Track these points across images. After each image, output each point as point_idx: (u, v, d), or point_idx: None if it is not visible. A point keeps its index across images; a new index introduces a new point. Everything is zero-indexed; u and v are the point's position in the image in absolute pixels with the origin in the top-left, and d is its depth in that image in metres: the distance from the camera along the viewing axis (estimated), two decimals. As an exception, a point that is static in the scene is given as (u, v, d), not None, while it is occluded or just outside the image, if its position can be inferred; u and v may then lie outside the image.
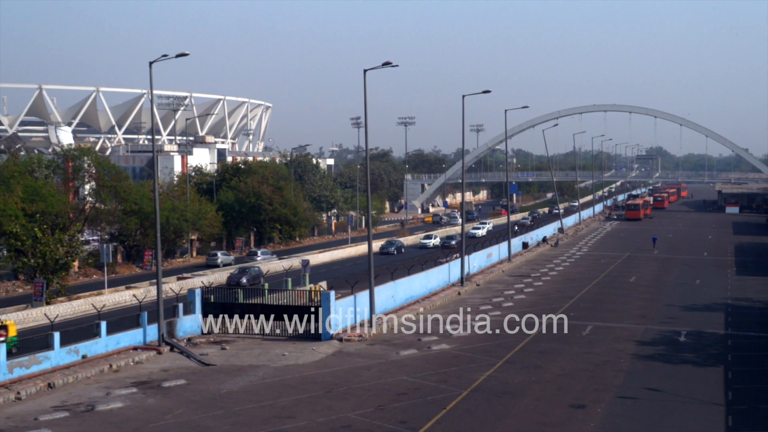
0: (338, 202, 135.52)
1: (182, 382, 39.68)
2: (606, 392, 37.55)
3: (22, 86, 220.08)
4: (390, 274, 61.96)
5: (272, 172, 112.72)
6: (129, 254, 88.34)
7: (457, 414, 34.17)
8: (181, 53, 48.35)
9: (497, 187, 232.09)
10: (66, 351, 42.31)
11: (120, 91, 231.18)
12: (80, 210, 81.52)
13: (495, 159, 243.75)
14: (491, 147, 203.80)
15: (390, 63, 52.53)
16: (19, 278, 71.69)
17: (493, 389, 37.92)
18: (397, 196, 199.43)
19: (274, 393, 37.49)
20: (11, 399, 36.64)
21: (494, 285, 72.56)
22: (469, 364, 42.58)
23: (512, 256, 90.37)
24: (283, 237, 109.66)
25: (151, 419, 33.60)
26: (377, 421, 33.03)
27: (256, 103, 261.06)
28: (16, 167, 75.61)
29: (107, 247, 67.63)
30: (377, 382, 39.40)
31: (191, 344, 47.94)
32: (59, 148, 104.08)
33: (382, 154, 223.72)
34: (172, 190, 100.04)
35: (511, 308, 59.71)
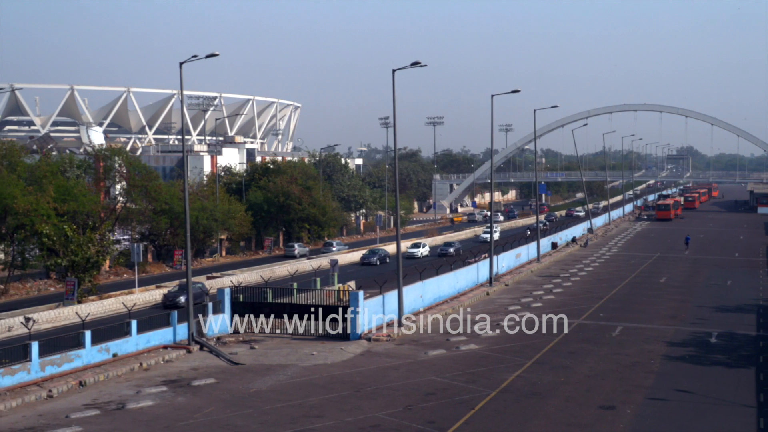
0: (367, 202, 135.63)
1: (212, 380, 39.91)
2: (636, 393, 37.31)
3: (54, 87, 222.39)
4: (418, 274, 61.95)
5: (301, 171, 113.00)
6: (159, 253, 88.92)
7: (486, 414, 34.09)
8: (211, 54, 48.59)
9: (526, 187, 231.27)
10: (97, 349, 42.70)
11: (150, 91, 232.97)
12: (111, 209, 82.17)
13: (524, 159, 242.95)
14: (520, 147, 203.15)
15: (419, 63, 52.50)
16: (51, 277, 72.41)
17: (522, 390, 37.80)
18: (425, 196, 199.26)
19: (302, 392, 37.59)
20: (43, 396, 37.03)
21: (523, 285, 72.31)
22: (498, 365, 42.48)
23: (541, 256, 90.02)
24: (311, 237, 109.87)
25: (181, 418, 33.82)
26: (405, 421, 33.03)
27: (285, 103, 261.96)
28: (48, 167, 76.27)
29: (138, 247, 68.13)
30: (405, 382, 39.40)
31: (220, 343, 48.20)
32: (91, 148, 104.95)
33: (411, 154, 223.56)
34: (201, 190, 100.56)
35: (540, 309, 59.47)
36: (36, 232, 65.96)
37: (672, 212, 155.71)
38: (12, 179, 69.00)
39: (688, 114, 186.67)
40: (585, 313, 57.45)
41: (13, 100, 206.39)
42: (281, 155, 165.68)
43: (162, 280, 72.64)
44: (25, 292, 68.14)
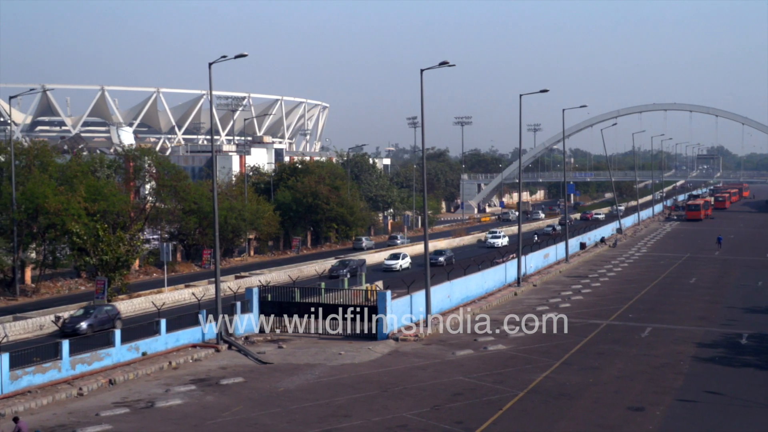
0: (394, 202, 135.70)
1: (240, 379, 40.09)
2: (665, 395, 37.04)
3: (85, 87, 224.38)
4: (446, 274, 61.87)
5: (329, 171, 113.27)
6: (188, 253, 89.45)
7: (514, 415, 33.99)
8: (240, 54, 48.79)
9: (554, 187, 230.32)
10: (127, 348, 43.04)
11: (180, 92, 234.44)
12: (141, 209, 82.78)
13: (552, 158, 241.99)
14: (549, 146, 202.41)
15: (447, 63, 52.40)
16: (81, 276, 73.09)
17: (550, 390, 37.65)
18: (453, 196, 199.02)
19: (330, 392, 37.67)
20: (73, 394, 37.38)
21: (551, 286, 72.03)
22: (526, 365, 42.34)
23: (570, 256, 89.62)
24: (339, 236, 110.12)
25: (210, 416, 34.01)
26: (433, 421, 33.01)
27: (314, 103, 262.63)
28: (79, 167, 76.92)
29: (167, 246, 68.56)
30: (433, 382, 39.37)
31: (249, 342, 48.41)
32: (121, 148, 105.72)
33: (439, 154, 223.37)
34: (230, 189, 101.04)
35: (569, 309, 59.23)
36: (67, 231, 66.58)
37: (702, 212, 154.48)
38: (44, 179, 69.69)
39: (719, 113, 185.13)
40: (614, 314, 57.12)
41: (44, 100, 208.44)
42: (309, 155, 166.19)
43: (191, 280, 73.09)
44: (55, 291, 68.80)
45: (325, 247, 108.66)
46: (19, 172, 70.60)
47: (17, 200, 66.68)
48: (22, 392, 36.84)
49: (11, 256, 66.87)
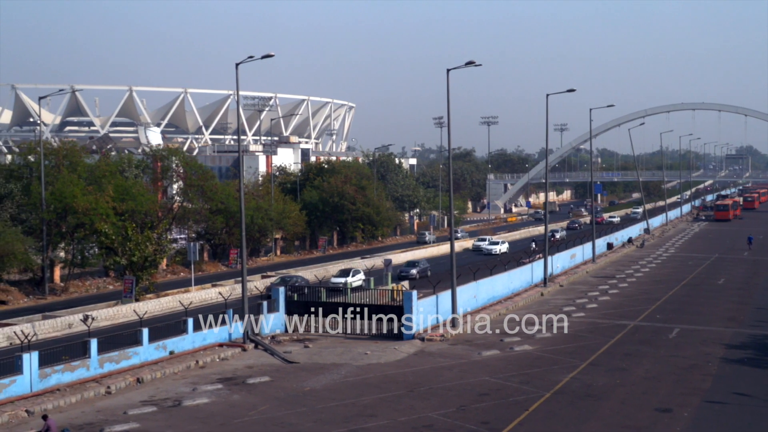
0: (420, 202, 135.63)
1: (266, 379, 40.23)
2: (693, 396, 36.77)
3: (113, 88, 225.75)
4: (472, 274, 61.76)
5: (355, 171, 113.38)
6: (215, 252, 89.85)
7: (540, 416, 33.88)
8: (267, 54, 48.95)
9: (581, 186, 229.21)
10: (154, 347, 43.33)
11: (207, 92, 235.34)
12: (168, 209, 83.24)
13: (579, 158, 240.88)
14: (575, 146, 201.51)
15: (473, 62, 52.34)
16: (109, 275, 73.65)
17: (577, 391, 37.49)
18: (479, 196, 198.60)
19: (356, 391, 37.72)
20: (102, 393, 37.67)
21: (578, 286, 71.71)
22: (552, 366, 42.18)
23: (596, 257, 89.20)
24: (365, 236, 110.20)
25: (236, 415, 34.16)
26: (459, 422, 32.96)
27: (340, 103, 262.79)
28: (107, 167, 77.50)
29: (194, 246, 68.91)
30: (459, 382, 39.32)
31: (275, 342, 48.57)
32: (148, 148, 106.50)
33: (465, 154, 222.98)
34: (256, 189, 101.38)
35: (596, 310, 58.98)
36: (95, 231, 67.11)
37: (731, 213, 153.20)
38: (73, 179, 70.26)
39: (748, 113, 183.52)
40: (641, 315, 56.78)
41: (73, 101, 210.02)
42: (335, 155, 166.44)
43: (218, 279, 73.43)
44: (84, 290, 69.37)
45: (351, 246, 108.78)
46: (49, 172, 71.26)
47: (47, 200, 67.30)
48: (51, 390, 37.19)
49: (41, 255, 67.52)
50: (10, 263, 62.04)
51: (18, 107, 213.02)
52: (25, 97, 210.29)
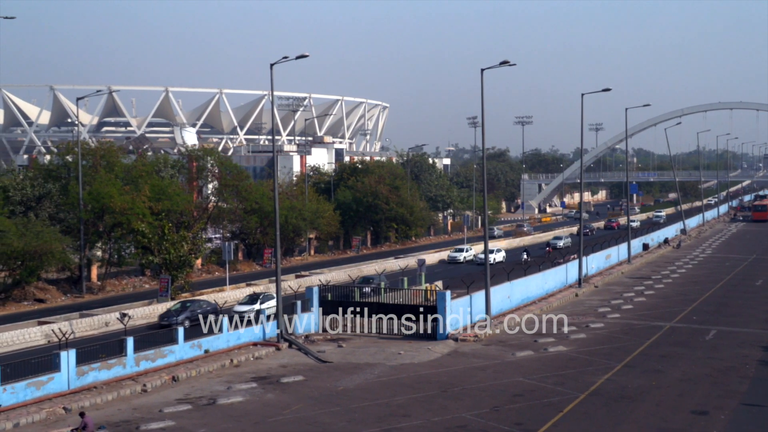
0: (454, 202, 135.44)
1: (300, 378, 40.39)
2: (730, 399, 36.38)
3: (150, 89, 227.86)
4: (506, 275, 61.56)
5: (389, 171, 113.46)
6: (249, 252, 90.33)
7: (574, 417, 33.70)
8: (301, 55, 49.09)
9: (617, 187, 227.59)
10: (189, 345, 43.66)
11: (242, 92, 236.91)
12: (203, 209, 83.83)
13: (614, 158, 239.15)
14: (611, 146, 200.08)
15: (508, 62, 52.15)
16: (145, 274, 74.29)
17: (612, 393, 37.24)
18: (513, 196, 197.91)
19: (389, 391, 37.76)
20: (138, 391, 38.03)
21: (613, 287, 71.23)
22: (587, 367, 41.94)
23: (632, 257, 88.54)
24: (399, 236, 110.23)
25: (270, 414, 34.33)
26: (492, 422, 32.88)
27: (374, 103, 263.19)
28: (143, 167, 78.19)
29: (229, 245, 69.33)
30: (492, 382, 39.23)
31: (309, 341, 48.73)
32: (184, 148, 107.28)
33: (499, 154, 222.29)
34: (291, 189, 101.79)
35: (631, 311, 58.55)
36: (132, 230, 67.72)
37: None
38: (110, 179, 70.98)
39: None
40: (677, 316, 56.28)
41: (110, 101, 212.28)
42: (369, 155, 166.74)
43: (252, 278, 73.80)
44: (120, 289, 70.06)
45: (385, 246, 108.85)
46: (86, 172, 72.05)
47: (84, 200, 68.04)
48: (87, 388, 37.62)
49: (78, 254, 68.28)
50: (48, 262, 62.80)
51: (56, 108, 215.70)
52: (63, 98, 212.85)
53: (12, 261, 60.84)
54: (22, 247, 59.30)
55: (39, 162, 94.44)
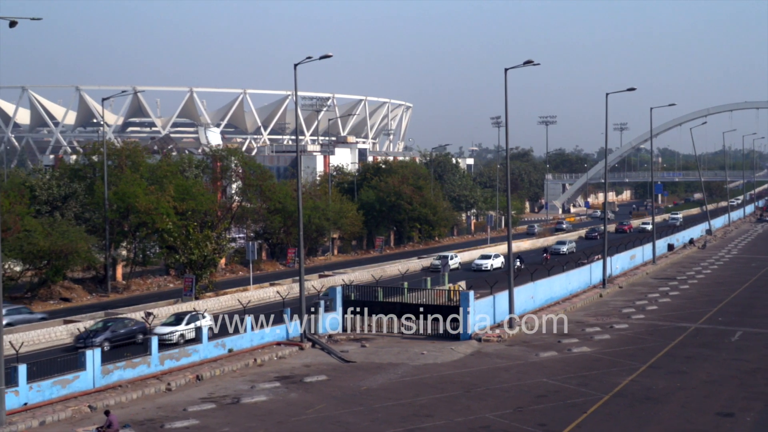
0: (478, 202, 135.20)
1: (323, 377, 40.46)
2: (756, 401, 36.08)
3: (175, 89, 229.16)
4: (530, 275, 61.38)
5: (412, 171, 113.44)
6: (273, 252, 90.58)
7: (598, 418, 33.55)
8: (325, 55, 49.19)
9: (641, 187, 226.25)
10: (213, 344, 43.87)
11: (266, 92, 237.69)
12: (227, 208, 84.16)
13: (639, 158, 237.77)
14: (635, 146, 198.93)
15: (531, 61, 52.02)
16: (170, 273, 74.68)
17: (636, 394, 37.04)
18: (537, 196, 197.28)
19: (412, 391, 37.75)
20: (162, 390, 38.24)
21: (638, 287, 70.84)
22: (611, 368, 41.74)
23: (657, 258, 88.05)
24: (422, 236, 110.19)
25: (294, 413, 34.41)
26: (516, 423, 32.79)
27: (397, 103, 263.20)
28: (168, 167, 78.54)
29: (252, 245, 69.50)
30: (516, 383, 39.13)
31: (332, 341, 48.81)
32: (208, 148, 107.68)
33: (523, 154, 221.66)
34: (314, 189, 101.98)
35: (656, 312, 58.20)
36: (156, 229, 68.07)
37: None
38: (135, 179, 71.39)
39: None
40: (702, 317, 55.89)
41: (135, 102, 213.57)
42: (392, 155, 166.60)
43: (275, 278, 73.99)
44: (145, 288, 70.45)
45: (408, 246, 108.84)
46: (112, 172, 72.52)
47: (110, 199, 68.46)
48: (113, 386, 37.88)
49: (103, 253, 68.74)
50: (74, 261, 63.27)
51: (82, 108, 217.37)
52: (88, 98, 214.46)
53: (38, 260, 61.35)
54: (48, 246, 59.78)
55: (65, 162, 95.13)
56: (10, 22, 33.43)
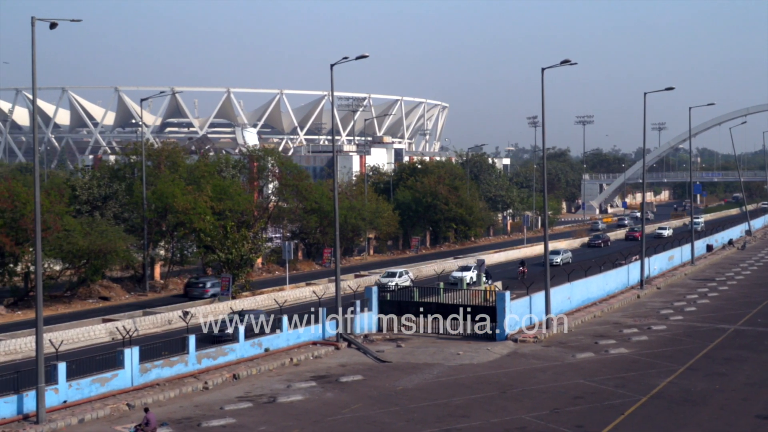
0: (514, 202, 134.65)
1: (359, 377, 40.52)
2: (797, 404, 35.60)
3: (212, 90, 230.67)
4: (566, 275, 61.04)
5: (448, 171, 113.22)
6: (309, 251, 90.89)
7: (636, 420, 33.28)
8: (361, 55, 49.26)
9: (680, 187, 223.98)
10: (250, 344, 44.10)
11: (302, 93, 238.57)
12: (264, 208, 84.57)
13: (678, 158, 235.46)
14: (674, 146, 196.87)
15: (568, 61, 51.70)
16: (207, 273, 75.17)
17: (674, 396, 36.70)
18: (574, 197, 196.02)
19: (448, 392, 37.70)
20: (199, 388, 38.53)
21: (676, 288, 70.16)
22: (649, 370, 41.38)
23: (695, 258, 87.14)
24: (458, 236, 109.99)
25: (329, 413, 34.51)
26: (552, 424, 32.63)
27: (433, 103, 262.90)
28: (206, 167, 79.04)
29: (289, 245, 69.76)
30: (552, 384, 38.93)
31: (368, 341, 48.87)
32: (245, 148, 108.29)
33: (559, 154, 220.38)
34: (350, 189, 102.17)
35: (694, 313, 57.60)
36: (194, 229, 68.53)
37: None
38: (174, 179, 71.93)
39: None
40: (742, 319, 55.22)
41: (173, 103, 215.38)
42: (428, 155, 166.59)
43: (311, 278, 74.23)
44: (182, 287, 70.91)
45: (444, 246, 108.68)
46: (151, 172, 73.15)
47: (148, 199, 69.07)
48: (150, 385, 38.23)
49: (142, 253, 69.36)
50: (112, 260, 63.87)
51: (121, 109, 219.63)
52: (127, 99, 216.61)
53: (77, 259, 62.02)
54: (87, 245, 60.42)
55: (105, 162, 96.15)
56: (51, 24, 33.86)
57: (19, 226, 56.85)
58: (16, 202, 57.42)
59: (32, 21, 33.18)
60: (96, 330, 49.27)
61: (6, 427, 32.34)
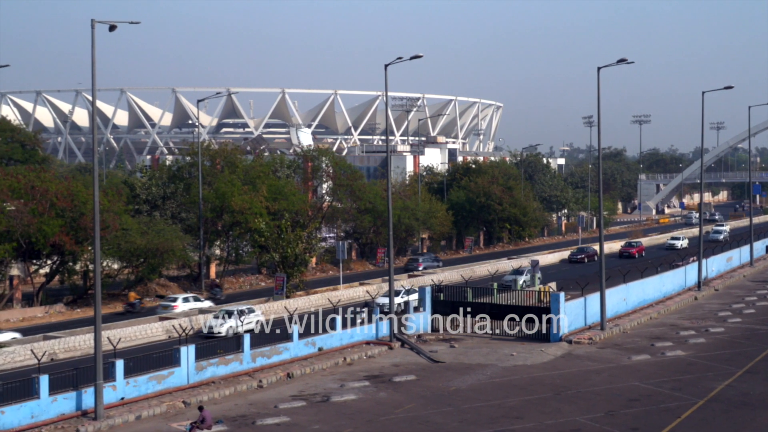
0: (569, 203, 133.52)
1: (412, 377, 40.56)
2: None
3: (267, 90, 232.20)
4: (622, 277, 60.40)
5: (502, 171, 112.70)
6: (362, 251, 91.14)
7: (692, 423, 32.83)
8: (415, 55, 49.29)
9: (738, 187, 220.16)
10: (304, 343, 44.40)
11: (356, 93, 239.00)
12: (318, 208, 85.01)
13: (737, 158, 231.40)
14: (733, 145, 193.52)
15: (625, 60, 51.18)
16: (261, 272, 75.85)
17: (733, 400, 36.12)
18: (629, 197, 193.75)
19: (501, 393, 37.56)
20: (254, 386, 38.89)
21: (734, 290, 69.02)
22: (706, 373, 40.79)
23: (755, 260, 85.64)
24: (512, 237, 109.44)
25: (383, 412, 34.59)
26: (607, 427, 32.33)
27: (487, 103, 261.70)
28: (261, 167, 79.64)
29: (342, 245, 70.02)
30: (607, 386, 38.57)
31: (421, 341, 48.88)
32: (299, 148, 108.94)
33: (615, 154, 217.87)
34: (404, 189, 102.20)
35: (753, 315, 56.61)
36: (249, 229, 69.14)
37: None
38: (231, 179, 72.64)
39: None
40: (803, 322, 54.13)
41: (229, 103, 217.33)
42: (482, 155, 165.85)
43: (365, 278, 74.42)
44: (237, 286, 71.66)
45: (498, 247, 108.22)
46: (209, 172, 73.99)
47: (207, 199, 69.83)
48: (206, 383, 38.70)
49: (198, 252, 70.18)
50: (169, 259, 64.76)
51: (177, 110, 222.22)
52: (184, 100, 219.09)
53: (135, 258, 62.99)
54: (145, 244, 61.35)
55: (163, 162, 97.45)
56: (110, 26, 34.41)
57: (78, 225, 57.91)
58: (76, 201, 58.50)
59: (92, 23, 33.77)
60: (153, 328, 49.97)
61: (65, 422, 33.01)
